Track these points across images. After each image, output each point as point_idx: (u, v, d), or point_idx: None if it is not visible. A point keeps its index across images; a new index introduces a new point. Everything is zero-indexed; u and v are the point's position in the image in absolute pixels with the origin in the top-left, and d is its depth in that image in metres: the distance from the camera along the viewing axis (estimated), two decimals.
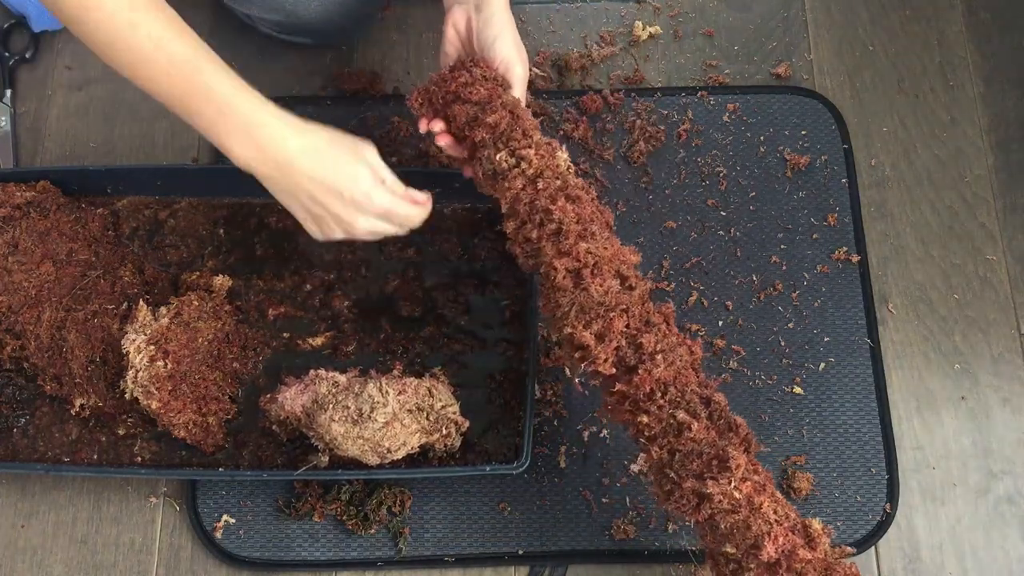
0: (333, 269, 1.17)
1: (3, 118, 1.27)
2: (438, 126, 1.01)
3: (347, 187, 0.95)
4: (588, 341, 0.88)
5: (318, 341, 1.14)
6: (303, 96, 1.27)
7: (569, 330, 0.89)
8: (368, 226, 0.98)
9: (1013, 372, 1.14)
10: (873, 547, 1.07)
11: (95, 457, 1.09)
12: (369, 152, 0.97)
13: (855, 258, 1.18)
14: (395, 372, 1.09)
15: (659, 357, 0.88)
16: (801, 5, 1.32)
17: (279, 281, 1.17)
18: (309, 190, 0.95)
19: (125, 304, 1.11)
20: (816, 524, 0.86)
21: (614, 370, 0.89)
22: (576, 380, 1.09)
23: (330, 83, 1.28)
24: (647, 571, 1.07)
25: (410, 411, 1.02)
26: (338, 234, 0.99)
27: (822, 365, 1.14)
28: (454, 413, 1.04)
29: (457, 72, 1.00)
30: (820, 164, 1.22)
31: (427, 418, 1.03)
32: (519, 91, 1.01)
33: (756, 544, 0.83)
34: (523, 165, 0.94)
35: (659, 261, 1.18)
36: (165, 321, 1.05)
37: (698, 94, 1.26)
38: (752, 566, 0.84)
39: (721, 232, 1.19)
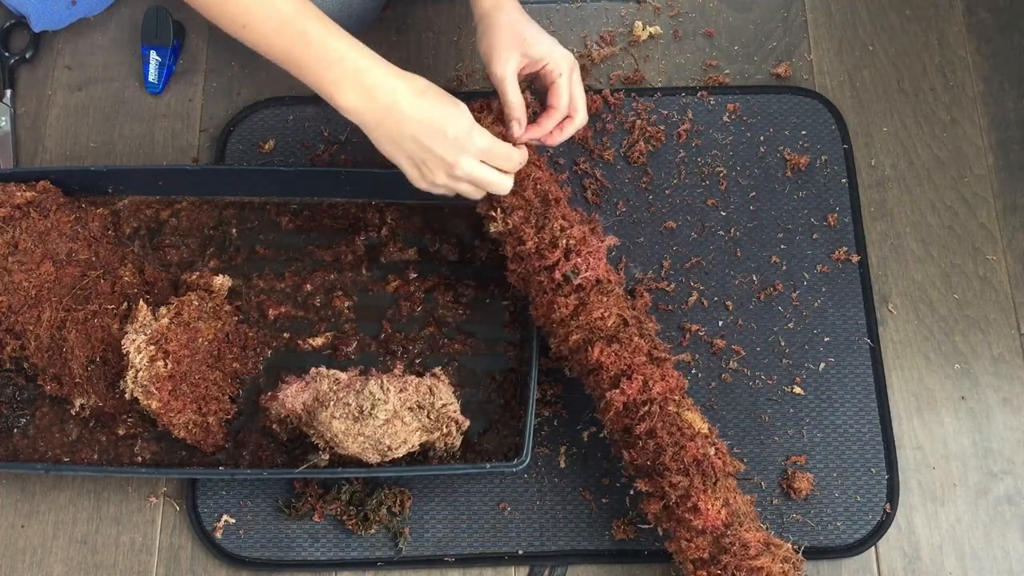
0: (333, 269, 1.17)
1: (3, 118, 1.27)
2: None
3: (450, 125, 0.97)
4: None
5: (318, 341, 1.14)
6: (303, 96, 1.27)
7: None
8: (469, 168, 0.99)
9: (1013, 372, 1.14)
10: (873, 547, 1.08)
11: (95, 457, 1.09)
12: (465, 109, 1.00)
13: (855, 258, 1.18)
14: (395, 372, 1.09)
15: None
16: (801, 5, 1.32)
17: (279, 281, 1.17)
18: (413, 132, 0.97)
19: (125, 304, 1.11)
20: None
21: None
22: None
23: None
24: (647, 571, 1.07)
25: (411, 409, 1.02)
26: (440, 178, 1.00)
27: (822, 365, 1.14)
28: (454, 412, 1.04)
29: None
30: (820, 164, 1.22)
31: (428, 416, 1.03)
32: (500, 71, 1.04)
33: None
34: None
35: (659, 261, 1.18)
36: (165, 321, 1.05)
37: (698, 94, 1.26)
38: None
39: (721, 232, 1.19)
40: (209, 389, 1.07)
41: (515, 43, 1.04)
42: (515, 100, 1.04)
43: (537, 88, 1.08)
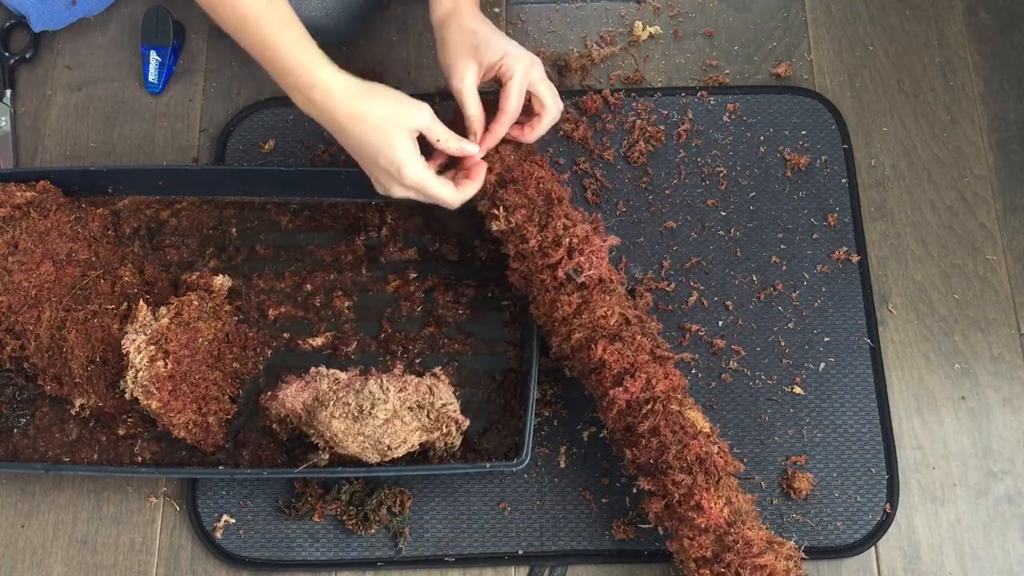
0: (333, 269, 1.17)
1: (3, 118, 1.27)
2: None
3: (382, 157, 0.99)
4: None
5: (318, 341, 1.14)
6: None
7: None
8: (404, 194, 1.02)
9: (1013, 372, 1.14)
10: (873, 547, 1.08)
11: (95, 457, 1.09)
12: (418, 119, 1.00)
13: (855, 258, 1.18)
14: (395, 372, 1.09)
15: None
16: (801, 5, 1.32)
17: (279, 281, 1.17)
18: (355, 150, 1.02)
19: (125, 304, 1.11)
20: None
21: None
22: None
23: None
24: (647, 571, 1.07)
25: (411, 408, 1.02)
26: (383, 192, 1.04)
27: (822, 365, 1.14)
28: (454, 411, 1.04)
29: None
30: (820, 164, 1.22)
31: (427, 416, 1.03)
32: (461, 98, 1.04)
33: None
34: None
35: (659, 261, 1.18)
36: (165, 321, 1.05)
37: (698, 94, 1.26)
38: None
39: (721, 232, 1.19)
40: (209, 389, 1.07)
41: (469, 53, 1.03)
42: (472, 113, 1.04)
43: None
